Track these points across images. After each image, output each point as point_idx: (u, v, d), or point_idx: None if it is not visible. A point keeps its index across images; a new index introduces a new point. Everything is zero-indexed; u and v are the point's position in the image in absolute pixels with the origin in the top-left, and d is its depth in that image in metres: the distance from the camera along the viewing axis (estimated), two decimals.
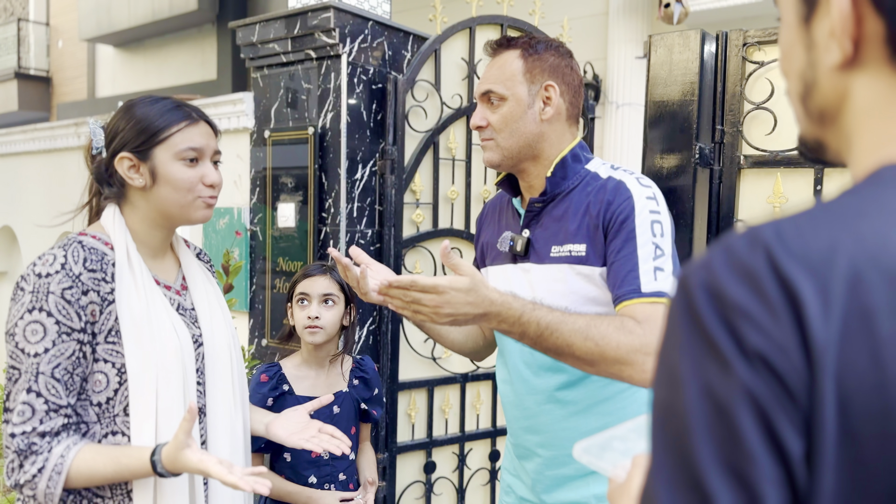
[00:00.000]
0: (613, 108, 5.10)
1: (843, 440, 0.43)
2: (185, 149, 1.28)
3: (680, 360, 0.46)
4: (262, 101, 2.89)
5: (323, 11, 2.57)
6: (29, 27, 9.86)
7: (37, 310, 1.17)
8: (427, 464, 2.82)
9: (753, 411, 0.43)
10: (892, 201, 0.47)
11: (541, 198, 1.43)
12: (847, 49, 0.52)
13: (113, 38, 8.37)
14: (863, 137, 0.53)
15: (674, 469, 0.45)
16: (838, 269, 0.44)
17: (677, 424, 0.45)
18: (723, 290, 0.45)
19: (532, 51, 1.42)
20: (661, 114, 2.04)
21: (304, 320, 1.85)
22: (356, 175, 2.65)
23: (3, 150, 4.79)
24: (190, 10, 7.22)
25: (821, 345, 0.43)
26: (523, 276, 1.45)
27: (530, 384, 1.43)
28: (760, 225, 0.48)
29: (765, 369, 0.43)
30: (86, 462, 1.18)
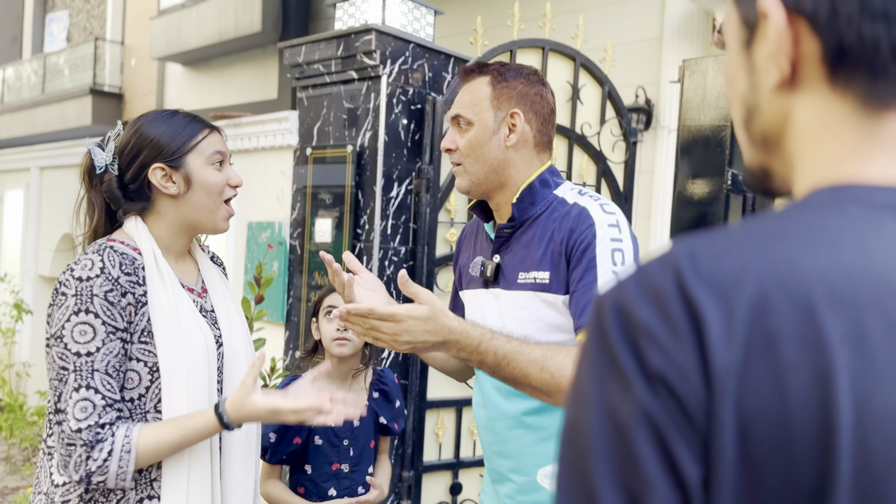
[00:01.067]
0: (665, 133, 5.03)
1: (742, 469, 0.41)
2: (213, 153, 1.38)
3: (587, 379, 0.46)
4: (305, 119, 2.97)
5: (365, 34, 2.63)
6: (105, 46, 10.37)
7: (83, 311, 1.22)
8: (453, 485, 2.80)
9: (651, 433, 0.42)
10: (811, 224, 0.46)
11: (509, 224, 1.43)
12: (784, 69, 0.51)
13: (182, 57, 8.72)
14: (804, 161, 0.52)
15: (573, 489, 0.44)
16: (744, 292, 0.43)
17: (579, 444, 0.45)
18: (630, 309, 0.45)
19: (500, 78, 1.43)
20: (694, 139, 2.01)
21: (332, 332, 1.87)
22: (392, 193, 2.69)
23: (68, 161, 5.03)
24: (254, 32, 7.47)
25: (722, 369, 0.42)
26: (493, 302, 1.45)
27: (500, 408, 1.43)
28: (677, 246, 0.47)
29: (664, 391, 0.42)
30: (150, 434, 1.24)
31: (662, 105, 5.04)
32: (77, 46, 10.71)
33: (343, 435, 1.87)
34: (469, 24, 3.13)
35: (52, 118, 10.73)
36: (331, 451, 1.85)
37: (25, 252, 5.41)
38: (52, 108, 10.82)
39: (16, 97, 11.87)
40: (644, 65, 5.11)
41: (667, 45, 5.04)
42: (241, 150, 3.38)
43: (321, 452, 1.85)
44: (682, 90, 2.02)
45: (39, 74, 11.45)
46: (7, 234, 5.81)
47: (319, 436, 1.84)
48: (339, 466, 1.86)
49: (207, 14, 8.05)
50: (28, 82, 11.73)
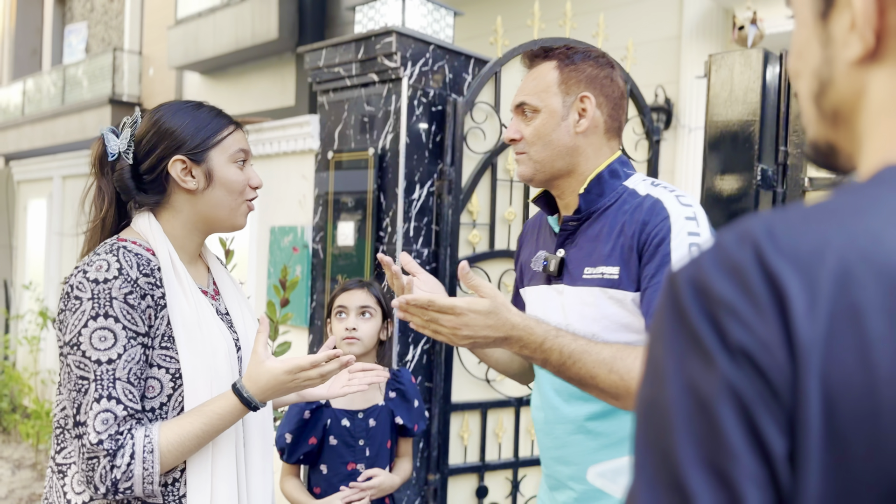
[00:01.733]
0: (686, 132, 4.99)
1: (829, 441, 0.41)
2: (237, 150, 1.32)
3: (664, 356, 0.45)
4: (326, 123, 2.97)
5: (386, 36, 2.63)
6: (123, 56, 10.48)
7: (101, 316, 1.15)
8: (479, 488, 2.79)
9: (736, 407, 0.42)
10: (889, 201, 0.45)
11: (575, 216, 1.36)
12: (869, 41, 0.50)
13: (199, 65, 8.80)
14: (874, 137, 0.51)
15: (655, 467, 0.44)
16: (827, 266, 0.42)
17: (660, 421, 0.44)
18: (709, 284, 0.44)
19: (568, 61, 1.35)
20: (722, 135, 1.99)
21: (341, 332, 1.89)
22: (414, 195, 2.68)
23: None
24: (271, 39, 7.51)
25: (806, 342, 0.41)
26: (557, 298, 1.38)
27: (560, 412, 1.36)
28: (752, 221, 0.46)
29: (748, 365, 0.42)
30: (171, 430, 1.17)
31: (682, 104, 5.00)
32: (96, 57, 10.84)
33: (359, 435, 1.87)
34: (488, 25, 3.13)
35: (72, 128, 10.86)
36: (346, 451, 1.85)
37: (49, 260, 5.46)
38: (71, 118, 10.96)
39: (36, 108, 12.03)
40: (663, 64, 5.07)
41: (686, 43, 5.01)
42: (263, 154, 3.39)
43: (336, 452, 1.84)
44: (709, 85, 2.00)
45: (59, 86, 11.60)
46: (31, 243, 5.88)
47: (335, 436, 1.84)
48: (355, 466, 1.86)
49: (224, 22, 8.11)
50: (48, 94, 11.88)
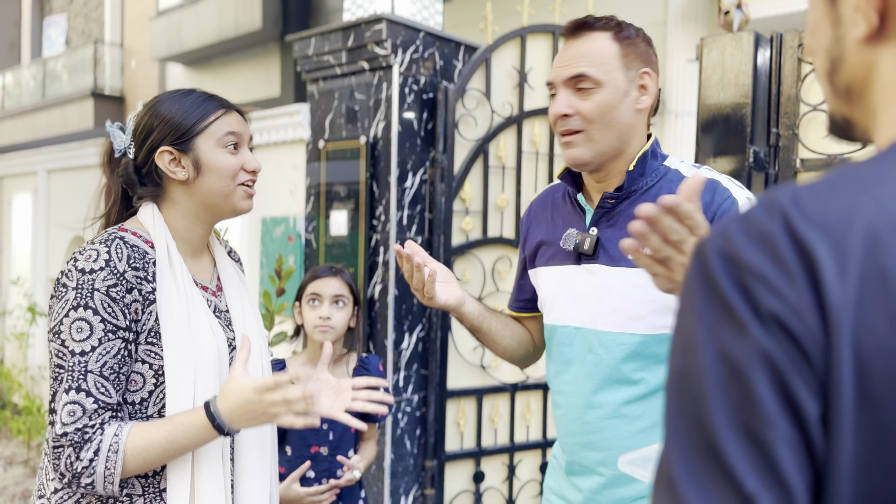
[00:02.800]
0: (672, 118, 5.01)
1: (861, 403, 0.42)
2: (225, 134, 1.27)
3: (695, 326, 0.46)
4: (317, 112, 2.96)
5: (376, 24, 2.62)
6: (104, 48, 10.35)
7: (82, 307, 1.14)
8: (476, 473, 2.81)
9: (769, 373, 0.43)
10: None
11: (615, 193, 1.29)
12: (873, 21, 0.51)
13: (182, 57, 8.71)
14: (888, 111, 0.52)
15: (689, 435, 0.45)
16: (855, 232, 0.43)
17: (692, 389, 0.45)
18: (739, 254, 0.45)
19: (625, 34, 1.27)
20: (714, 117, 2.00)
21: (314, 320, 1.89)
22: (406, 183, 2.68)
23: (76, 163, 5.03)
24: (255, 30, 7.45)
25: (837, 307, 0.42)
26: (586, 278, 1.32)
27: (593, 398, 1.31)
28: (778, 192, 0.47)
29: (780, 332, 0.43)
30: (139, 433, 1.15)
31: (669, 89, 5.02)
32: (76, 50, 10.70)
33: (323, 419, 1.85)
34: (477, 11, 3.12)
35: (54, 122, 10.73)
36: (310, 434, 1.86)
37: (36, 255, 5.41)
38: (53, 112, 10.82)
39: (16, 103, 11.87)
40: None
41: (672, 29, 5.02)
42: (252, 145, 3.37)
43: (300, 434, 1.85)
44: (701, 68, 2.01)
45: (39, 79, 11.45)
46: (17, 238, 5.82)
47: None
48: (318, 449, 1.87)
49: (207, 13, 8.03)
50: (27, 87, 11.73)
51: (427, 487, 2.70)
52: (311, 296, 1.91)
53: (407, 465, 2.69)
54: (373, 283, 2.70)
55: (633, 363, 1.27)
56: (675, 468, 0.45)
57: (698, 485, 0.44)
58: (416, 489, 2.71)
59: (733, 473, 0.42)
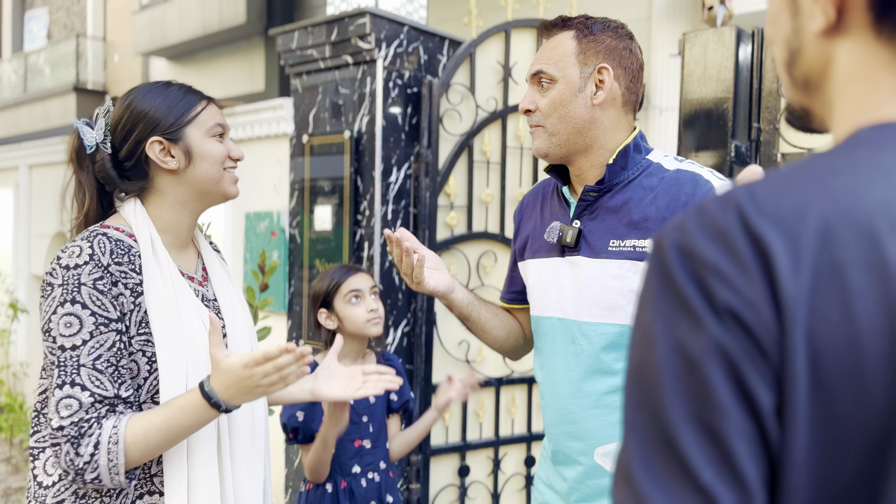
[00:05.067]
0: (657, 113, 5.03)
1: (815, 394, 0.42)
2: (213, 125, 1.31)
3: (653, 319, 0.46)
4: (301, 106, 2.95)
5: (359, 17, 2.61)
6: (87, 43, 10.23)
7: (69, 302, 1.14)
8: (461, 467, 2.81)
9: (724, 366, 0.43)
10: (865, 160, 0.47)
11: (596, 186, 1.33)
12: (830, 15, 0.52)
13: (166, 51, 8.63)
14: (844, 104, 0.53)
15: (646, 427, 0.45)
16: (809, 225, 0.44)
17: (649, 382, 0.46)
18: (694, 248, 0.46)
19: (587, 31, 1.32)
20: (696, 112, 2.01)
21: (364, 315, 1.88)
22: (391, 178, 2.68)
23: (58, 158, 4.98)
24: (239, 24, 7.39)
25: (791, 299, 0.43)
26: (569, 269, 1.35)
27: (577, 387, 1.34)
28: (735, 187, 0.48)
29: (735, 324, 0.43)
30: (138, 421, 1.15)
31: (653, 85, 5.04)
32: (58, 44, 10.58)
33: (362, 411, 1.89)
34: (461, 6, 3.12)
35: (36, 117, 10.60)
36: (352, 428, 1.86)
37: (17, 251, 5.36)
38: (35, 106, 10.69)
39: None
40: None
41: (656, 24, 5.04)
42: (236, 139, 3.35)
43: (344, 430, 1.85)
44: (683, 63, 2.02)
45: (20, 74, 11.30)
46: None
47: None
48: (362, 443, 1.88)
49: (191, 7, 7.96)
50: (9, 82, 11.58)
51: (412, 482, 2.71)
52: (352, 293, 1.89)
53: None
54: None
55: (614, 353, 1.30)
56: (633, 460, 0.45)
57: (655, 477, 0.44)
58: (402, 483, 2.71)
59: (689, 465, 0.43)
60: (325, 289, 1.92)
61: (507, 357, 1.61)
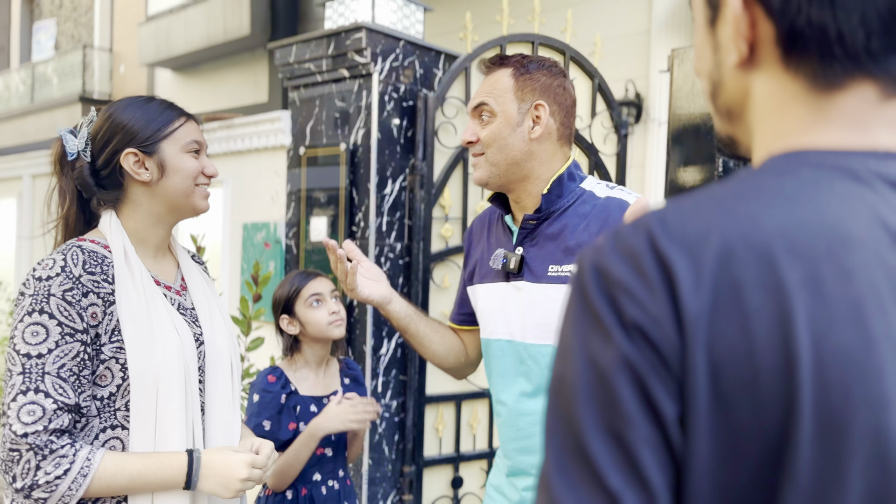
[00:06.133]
0: (655, 126, 5.06)
1: (715, 405, 0.45)
2: (189, 141, 1.35)
3: (571, 334, 0.50)
4: (298, 119, 2.98)
5: (356, 32, 2.65)
6: (93, 53, 10.33)
7: (37, 312, 1.17)
8: (454, 479, 2.82)
9: (630, 377, 0.46)
10: (769, 186, 0.50)
11: (535, 215, 1.41)
12: (742, 50, 0.55)
13: (171, 62, 8.71)
14: (761, 132, 0.56)
15: (562, 435, 0.48)
16: (711, 246, 0.47)
17: (566, 393, 0.48)
18: (608, 268, 0.49)
19: (523, 70, 1.41)
20: (685, 128, 2.03)
21: (326, 317, 1.90)
22: (386, 190, 2.70)
23: None
24: (243, 36, 7.46)
25: (692, 316, 0.46)
26: (515, 295, 1.42)
27: (524, 405, 1.41)
28: (649, 212, 0.51)
29: (641, 339, 0.46)
30: (112, 460, 1.18)
31: (652, 98, 5.06)
32: (65, 54, 10.68)
33: None
34: (457, 20, 3.15)
35: (42, 127, 10.69)
36: None
37: (20, 260, 5.40)
38: (41, 116, 10.78)
39: (4, 107, 11.82)
40: (633, 58, 5.13)
41: (655, 38, 5.07)
42: (234, 151, 3.38)
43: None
44: (672, 79, 2.04)
45: (28, 84, 11.41)
46: (1, 243, 5.80)
47: (304, 422, 1.87)
48: (323, 451, 1.90)
49: (196, 19, 8.04)
50: (17, 92, 11.68)
51: (405, 493, 2.72)
52: (313, 297, 1.91)
53: (385, 471, 2.70)
54: None
55: None
56: (550, 467, 0.48)
57: (568, 482, 0.47)
58: (395, 495, 2.72)
59: (598, 471, 0.46)
60: (286, 295, 1.94)
61: (448, 373, 1.67)
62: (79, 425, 1.22)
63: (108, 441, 1.25)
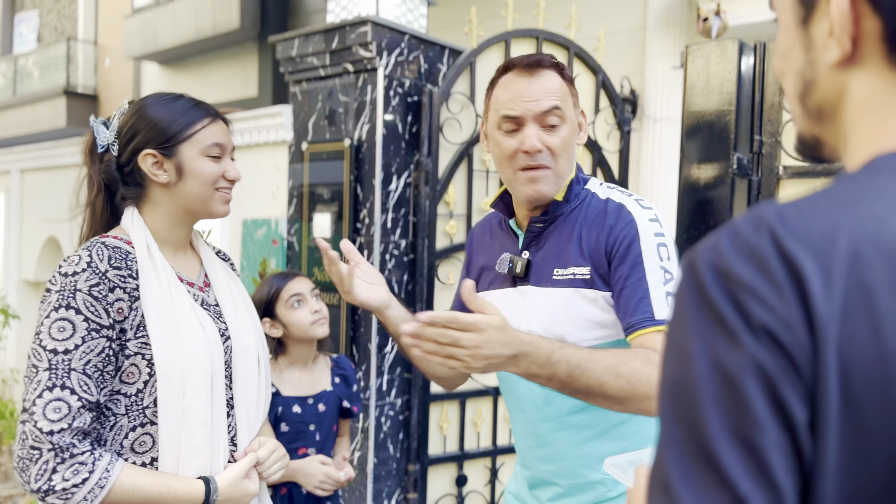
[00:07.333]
0: (651, 123, 5.06)
1: (845, 410, 0.44)
2: (210, 145, 1.31)
3: (688, 336, 0.48)
4: (300, 113, 2.94)
5: (361, 26, 2.61)
6: (78, 46, 10.17)
7: (63, 307, 1.16)
8: (459, 477, 2.81)
9: (760, 382, 0.45)
10: (888, 186, 0.49)
11: (542, 217, 1.36)
12: (846, 47, 0.54)
13: (158, 56, 8.59)
14: (859, 133, 0.55)
15: (684, 440, 0.47)
16: (839, 248, 0.46)
17: (687, 397, 0.47)
18: (730, 268, 0.47)
19: (568, 74, 1.36)
20: (699, 124, 2.02)
21: (307, 317, 1.88)
22: (391, 186, 2.67)
23: (50, 162, 4.94)
24: (232, 29, 7.37)
25: (823, 319, 0.45)
26: (521, 299, 1.37)
27: (542, 412, 1.36)
28: (764, 209, 0.50)
29: (771, 342, 0.45)
30: (130, 478, 1.18)
31: (648, 95, 5.07)
32: (48, 47, 10.51)
33: (309, 420, 1.89)
34: (461, 15, 3.13)
35: (25, 120, 10.52)
36: (297, 437, 1.87)
37: (8, 256, 5.31)
38: (23, 110, 10.61)
39: None
40: (629, 55, 5.13)
41: (651, 34, 5.07)
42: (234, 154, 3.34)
43: (289, 438, 1.85)
44: (686, 76, 2.03)
45: (9, 77, 11.22)
46: None
47: (286, 423, 1.85)
48: (307, 451, 1.88)
49: (184, 11, 7.94)
50: None
51: (410, 491, 2.70)
52: (293, 298, 1.89)
53: (390, 469, 2.68)
54: None
55: None
56: (672, 472, 0.47)
57: (694, 488, 0.46)
58: (399, 493, 2.70)
59: (728, 477, 0.45)
60: (266, 297, 1.91)
61: (439, 384, 1.57)
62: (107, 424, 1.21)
63: (139, 439, 1.24)
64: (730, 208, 1.96)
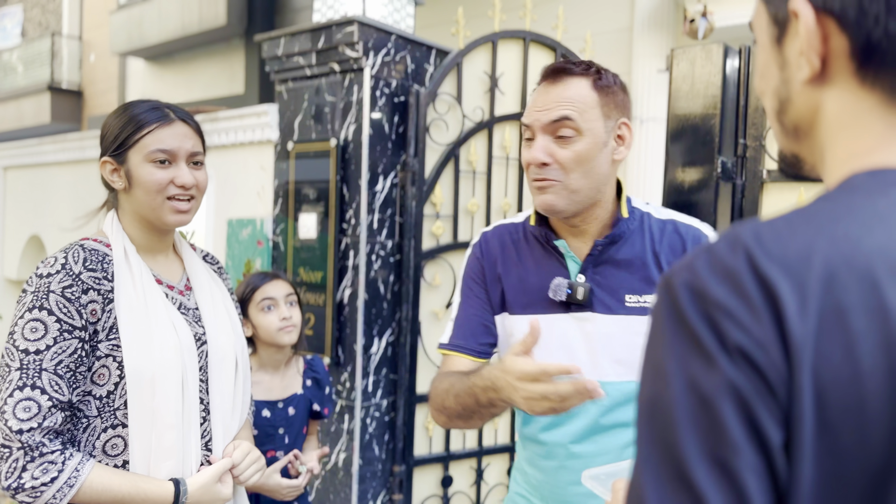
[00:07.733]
0: (637, 124, 5.08)
1: (820, 431, 0.44)
2: (153, 150, 1.27)
3: (665, 357, 0.48)
4: (286, 113, 2.93)
5: (347, 25, 2.60)
6: (62, 41, 10.07)
7: (37, 308, 1.18)
8: (444, 478, 2.80)
9: (736, 403, 0.45)
10: (862, 206, 0.49)
11: (605, 240, 1.27)
12: (815, 64, 0.54)
13: (144, 52, 8.52)
14: (835, 150, 0.56)
15: (659, 461, 0.47)
16: (814, 269, 0.46)
17: (663, 417, 0.47)
18: (705, 289, 0.47)
19: (604, 82, 1.24)
20: (683, 127, 2.03)
21: (276, 322, 1.87)
22: (377, 187, 2.67)
23: (34, 160, 4.89)
24: (219, 25, 7.32)
25: (798, 340, 0.45)
26: (578, 326, 1.27)
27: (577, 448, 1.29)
28: (740, 229, 0.50)
29: (746, 364, 0.45)
30: (99, 478, 1.18)
31: (634, 96, 5.08)
32: (32, 42, 10.40)
33: (279, 424, 1.89)
34: (448, 15, 3.12)
35: (8, 116, 10.41)
36: (266, 440, 1.86)
37: None
38: (7, 106, 10.50)
39: None
40: (615, 56, 5.14)
41: (637, 35, 5.08)
42: (219, 145, 3.31)
43: (257, 442, 1.84)
44: (671, 79, 2.03)
45: None
46: None
47: (255, 426, 1.84)
48: (275, 454, 1.88)
49: (170, 7, 7.87)
50: None
51: (395, 492, 2.69)
52: (265, 302, 1.88)
53: (375, 470, 2.68)
54: (342, 288, 2.68)
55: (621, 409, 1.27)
56: (647, 492, 0.47)
57: None
58: (384, 494, 2.70)
59: (702, 498, 0.45)
60: (241, 295, 1.91)
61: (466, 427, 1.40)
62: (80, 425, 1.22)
63: (111, 440, 1.24)
64: (714, 211, 1.97)
